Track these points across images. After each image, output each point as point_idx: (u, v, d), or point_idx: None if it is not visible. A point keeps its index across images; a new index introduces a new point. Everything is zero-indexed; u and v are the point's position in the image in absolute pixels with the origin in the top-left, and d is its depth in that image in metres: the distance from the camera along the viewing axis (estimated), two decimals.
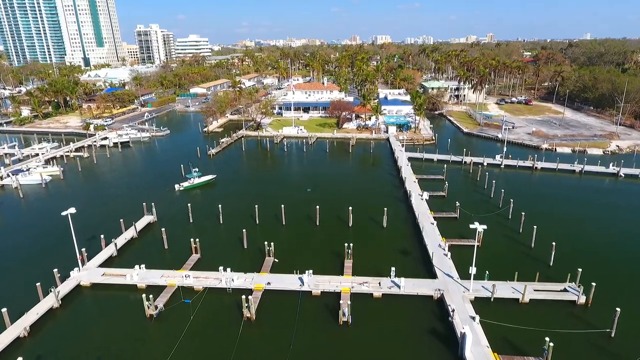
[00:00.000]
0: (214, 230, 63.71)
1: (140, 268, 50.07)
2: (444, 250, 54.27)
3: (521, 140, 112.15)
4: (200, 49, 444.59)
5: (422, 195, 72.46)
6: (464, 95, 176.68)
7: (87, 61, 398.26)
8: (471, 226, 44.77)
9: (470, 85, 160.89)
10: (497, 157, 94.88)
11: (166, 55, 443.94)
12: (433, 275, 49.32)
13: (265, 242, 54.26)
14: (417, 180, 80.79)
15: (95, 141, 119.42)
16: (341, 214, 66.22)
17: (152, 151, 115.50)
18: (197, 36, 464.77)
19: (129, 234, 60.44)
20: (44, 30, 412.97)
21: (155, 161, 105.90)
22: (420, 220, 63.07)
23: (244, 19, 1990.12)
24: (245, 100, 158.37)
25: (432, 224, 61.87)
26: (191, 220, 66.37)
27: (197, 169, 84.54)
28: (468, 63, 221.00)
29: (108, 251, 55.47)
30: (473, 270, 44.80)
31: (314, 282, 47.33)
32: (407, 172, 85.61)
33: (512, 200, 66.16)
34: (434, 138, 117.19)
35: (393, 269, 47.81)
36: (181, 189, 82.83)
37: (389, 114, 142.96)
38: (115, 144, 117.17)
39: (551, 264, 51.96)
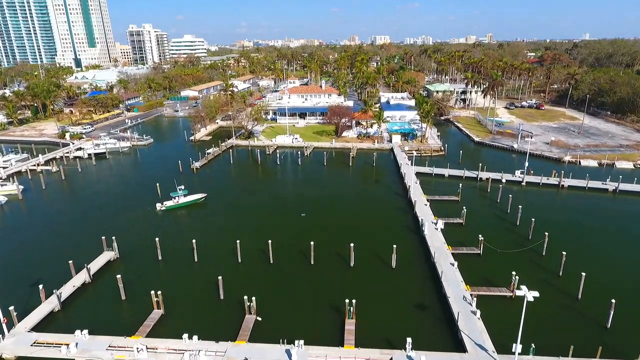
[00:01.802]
0: (185, 272, 52.38)
1: (82, 334, 38.85)
2: (471, 305, 43.10)
3: (540, 152, 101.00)
4: (195, 50, 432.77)
5: (436, 224, 61.32)
6: (471, 99, 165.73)
7: (78, 62, 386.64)
8: (518, 292, 33.37)
9: (479, 89, 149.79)
10: (517, 172, 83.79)
11: (160, 56, 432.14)
12: (460, 346, 38.09)
13: (246, 297, 42.96)
14: (428, 203, 69.51)
15: (68, 152, 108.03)
16: (341, 249, 55.03)
17: (131, 163, 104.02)
18: (192, 36, 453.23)
19: (79, 278, 49.12)
20: (34, 30, 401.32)
21: (134, 176, 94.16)
22: (436, 258, 51.88)
23: (243, 19, 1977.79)
24: (237, 105, 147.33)
25: (452, 265, 50.65)
26: (160, 257, 55.06)
27: (182, 187, 73.68)
28: (474, 64, 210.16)
29: (48, 305, 44.15)
30: (518, 348, 33.52)
31: (306, 357, 36.17)
32: (416, 192, 74.42)
33: (546, 233, 54.82)
34: (442, 149, 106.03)
35: (409, 340, 36.57)
36: (163, 208, 71.99)
37: (392, 120, 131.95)
38: (91, 155, 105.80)
39: (608, 325, 40.83)
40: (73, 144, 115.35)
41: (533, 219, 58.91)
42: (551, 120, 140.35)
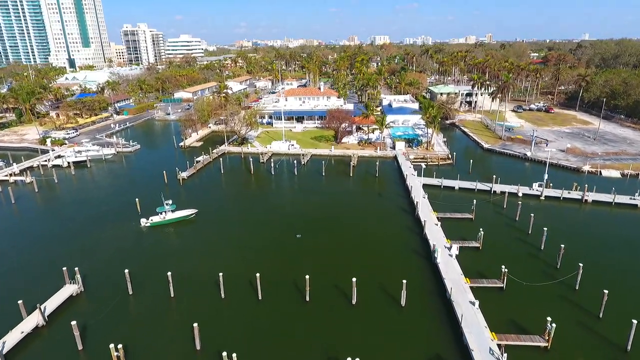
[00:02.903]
0: (158, 312, 44.57)
1: None
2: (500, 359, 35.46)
3: (556, 160, 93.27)
4: (192, 50, 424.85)
5: (449, 249, 53.66)
6: (476, 102, 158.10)
7: (72, 62, 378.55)
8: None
9: (486, 91, 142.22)
10: (535, 185, 76.17)
11: (155, 56, 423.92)
12: None
13: (225, 354, 35.20)
14: (439, 223, 61.76)
15: (47, 160, 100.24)
16: (341, 281, 47.41)
17: (114, 173, 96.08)
18: (189, 36, 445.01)
19: (30, 322, 41.39)
20: (27, 30, 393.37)
21: (115, 187, 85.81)
22: (453, 295, 44.19)
23: (242, 19, 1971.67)
24: (231, 108, 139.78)
25: (473, 304, 42.94)
26: (131, 291, 47.32)
27: (170, 201, 66.37)
28: (478, 65, 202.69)
29: None
30: None
31: None
32: (424, 208, 66.76)
33: (580, 265, 47.06)
34: (450, 156, 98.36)
35: None
36: (148, 224, 64.70)
37: (395, 124, 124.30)
38: (71, 163, 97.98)
39: None
40: (53, 150, 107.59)
41: (562, 246, 51.11)
42: (562, 124, 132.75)
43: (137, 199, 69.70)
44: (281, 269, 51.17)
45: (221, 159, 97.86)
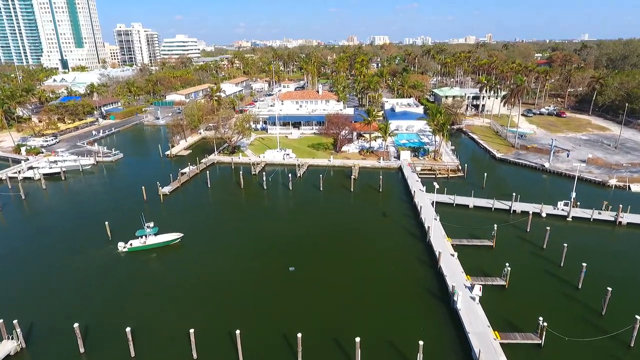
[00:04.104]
0: None
1: None
2: None
3: (578, 173, 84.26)
4: (188, 50, 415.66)
5: (471, 289, 44.85)
6: (483, 106, 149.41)
7: (64, 63, 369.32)
8: None
9: (495, 94, 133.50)
10: (560, 204, 67.37)
11: (150, 57, 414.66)
12: None
13: None
14: (456, 254, 52.88)
15: (19, 171, 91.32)
16: (340, 339, 38.61)
17: (90, 187, 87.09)
18: (185, 36, 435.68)
19: None
20: (19, 30, 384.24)
21: (89, 204, 76.49)
22: (482, 358, 35.37)
23: (241, 19, 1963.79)
24: (224, 113, 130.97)
25: None
26: (82, 349, 38.43)
27: (151, 224, 58.14)
28: (484, 66, 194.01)
29: None
30: None
31: None
32: (437, 234, 58.00)
33: (638, 317, 38.26)
34: (460, 167, 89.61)
35: None
36: (125, 250, 56.34)
37: (399, 130, 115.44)
38: (46, 175, 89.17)
39: None
40: (26, 160, 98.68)
41: (609, 289, 42.14)
42: (577, 130, 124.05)
43: (106, 222, 60.77)
44: (269, 321, 42.27)
45: (208, 171, 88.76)
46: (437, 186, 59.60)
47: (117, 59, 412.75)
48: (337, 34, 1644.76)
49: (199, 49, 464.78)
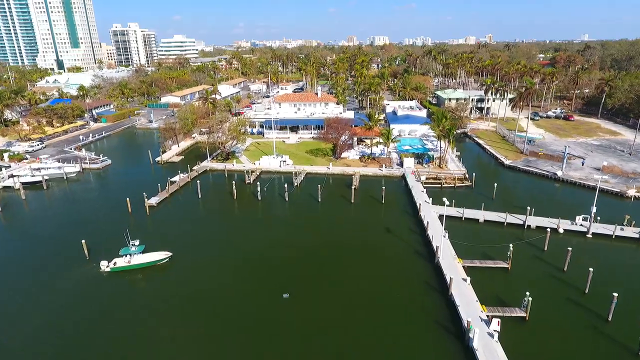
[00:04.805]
0: None
1: None
2: None
3: (599, 184, 78.86)
4: (185, 50, 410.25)
5: (488, 324, 39.61)
6: (488, 108, 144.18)
7: (60, 64, 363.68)
8: None
9: (501, 97, 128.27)
10: (579, 219, 62.13)
11: (147, 57, 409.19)
12: None
13: None
14: (469, 279, 47.50)
15: (0, 179, 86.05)
16: None
17: (73, 197, 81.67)
18: (183, 36, 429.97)
19: None
20: (15, 30, 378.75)
21: (70, 217, 70.93)
22: None
23: (241, 19, 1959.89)
24: (219, 115, 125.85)
25: None
26: None
27: (137, 242, 53.35)
28: (488, 67, 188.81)
29: None
30: None
31: None
32: (446, 254, 52.75)
33: None
34: (467, 176, 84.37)
35: None
36: (107, 269, 51.54)
37: (401, 134, 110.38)
38: (27, 184, 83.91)
39: None
40: (8, 167, 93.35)
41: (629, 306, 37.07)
42: (587, 135, 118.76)
43: (83, 241, 55.45)
44: (259, 352, 37.10)
45: (198, 181, 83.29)
46: (447, 202, 54.23)
47: (114, 59, 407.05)
48: (337, 34, 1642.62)
49: (197, 50, 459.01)
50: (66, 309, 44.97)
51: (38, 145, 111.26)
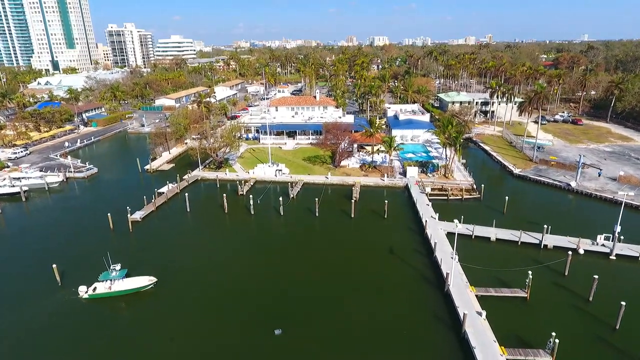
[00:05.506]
0: None
1: None
2: None
3: (610, 195, 73.71)
4: (183, 51, 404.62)
5: None
6: (493, 112, 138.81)
7: (55, 64, 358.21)
8: None
9: (508, 100, 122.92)
10: (600, 238, 56.79)
11: (143, 58, 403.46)
12: None
13: None
14: (484, 313, 42.06)
15: None
16: None
17: (54, 210, 76.24)
18: (180, 37, 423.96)
19: None
20: (9, 30, 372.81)
21: (47, 235, 65.74)
22: None
23: (240, 20, 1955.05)
24: (214, 120, 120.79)
25: None
26: None
27: (118, 266, 48.68)
28: (492, 69, 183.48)
29: None
30: None
31: None
32: (457, 282, 47.36)
33: None
34: (475, 186, 79.06)
35: None
36: (86, 296, 46.70)
37: (403, 140, 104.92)
38: (4, 195, 78.68)
39: None
40: None
41: None
42: (598, 140, 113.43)
43: (54, 265, 50.06)
44: None
45: (187, 193, 77.89)
46: (457, 223, 48.77)
47: (110, 60, 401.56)
48: (336, 34, 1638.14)
49: (194, 50, 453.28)
50: (36, 340, 39.65)
51: (22, 152, 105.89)
